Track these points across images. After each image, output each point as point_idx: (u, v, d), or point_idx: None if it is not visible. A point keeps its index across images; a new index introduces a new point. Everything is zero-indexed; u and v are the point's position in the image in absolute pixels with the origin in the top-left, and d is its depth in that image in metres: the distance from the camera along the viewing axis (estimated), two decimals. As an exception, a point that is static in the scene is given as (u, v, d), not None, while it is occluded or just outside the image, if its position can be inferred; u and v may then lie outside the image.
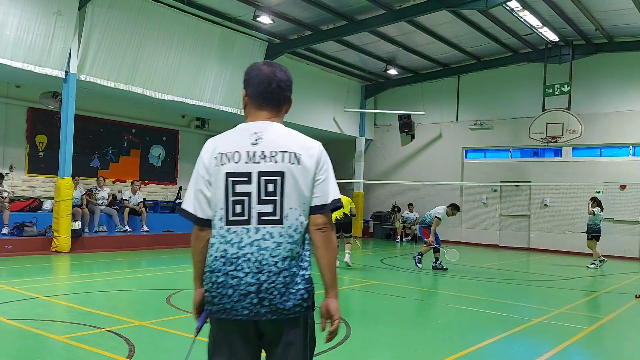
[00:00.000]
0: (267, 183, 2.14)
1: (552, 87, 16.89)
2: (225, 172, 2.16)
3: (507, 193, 18.50)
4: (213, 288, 2.15)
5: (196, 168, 2.26)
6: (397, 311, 7.39)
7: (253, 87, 2.30)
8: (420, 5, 13.49)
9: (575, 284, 10.61)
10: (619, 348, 5.92)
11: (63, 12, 11.50)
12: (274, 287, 2.12)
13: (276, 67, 2.37)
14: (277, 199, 2.14)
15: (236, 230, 2.13)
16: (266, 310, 2.12)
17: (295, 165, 2.16)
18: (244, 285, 2.10)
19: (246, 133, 2.22)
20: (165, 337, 5.27)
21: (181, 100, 14.16)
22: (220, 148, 2.21)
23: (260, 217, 2.13)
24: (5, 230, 11.63)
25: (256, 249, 2.11)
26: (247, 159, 2.16)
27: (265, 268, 2.11)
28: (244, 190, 2.14)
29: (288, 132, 2.28)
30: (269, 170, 2.14)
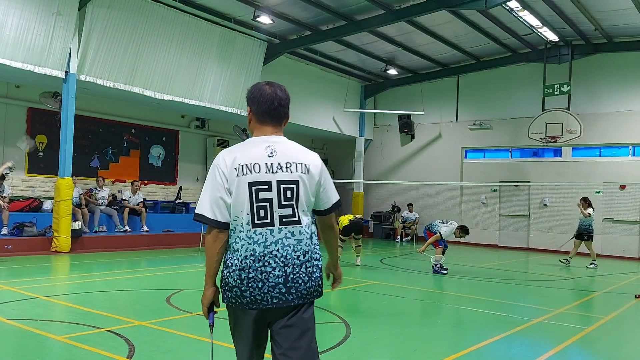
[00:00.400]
0: (286, 190, 2.51)
1: (552, 87, 16.90)
2: (248, 182, 2.48)
3: (506, 193, 18.50)
4: (244, 283, 2.48)
5: (213, 177, 2.52)
6: (397, 311, 7.39)
7: (258, 106, 2.64)
8: (420, 5, 13.49)
9: (575, 284, 10.62)
10: (618, 348, 5.92)
11: (63, 12, 11.50)
12: (299, 277, 2.51)
13: (276, 86, 2.70)
14: (294, 203, 2.52)
15: (262, 232, 2.48)
16: (293, 297, 2.50)
17: (305, 174, 2.56)
18: (273, 278, 2.47)
19: (261, 146, 2.56)
20: (165, 337, 5.26)
21: (181, 100, 14.16)
22: (240, 160, 2.50)
23: (282, 219, 2.50)
24: (5, 231, 11.63)
25: (281, 247, 2.48)
26: (266, 169, 2.51)
27: (290, 262, 2.49)
28: (266, 197, 2.49)
29: (296, 146, 2.68)
30: (286, 179, 2.52)
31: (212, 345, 2.75)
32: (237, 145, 2.62)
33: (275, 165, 2.52)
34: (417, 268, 11.79)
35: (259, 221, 2.48)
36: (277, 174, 2.51)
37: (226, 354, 4.79)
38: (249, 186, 2.47)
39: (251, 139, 2.64)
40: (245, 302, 2.49)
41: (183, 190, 17.56)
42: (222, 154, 2.57)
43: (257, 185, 2.48)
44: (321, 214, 2.68)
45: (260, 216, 2.48)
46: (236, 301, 2.51)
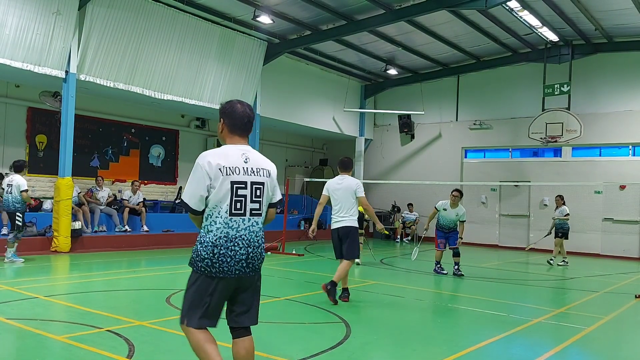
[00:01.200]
0: (256, 189, 3.29)
1: (552, 87, 16.89)
2: (231, 181, 3.18)
3: (506, 193, 18.50)
4: (215, 257, 3.17)
5: (198, 175, 3.17)
6: (396, 311, 7.38)
7: (231, 121, 3.34)
8: (420, 5, 13.49)
9: (575, 284, 10.61)
10: (619, 348, 5.92)
11: (62, 11, 11.50)
12: (255, 255, 3.29)
13: (246, 105, 3.40)
14: (260, 200, 3.31)
15: (236, 219, 3.21)
16: (250, 270, 3.27)
17: (268, 178, 3.38)
18: (238, 255, 3.21)
19: (237, 154, 3.27)
20: (165, 337, 5.26)
21: (181, 100, 14.16)
22: (224, 163, 3.19)
23: (251, 211, 3.27)
24: (5, 231, 11.62)
25: (248, 232, 3.25)
26: (244, 172, 3.25)
27: (252, 244, 3.27)
28: (243, 194, 3.23)
29: (260, 155, 3.46)
30: (257, 181, 3.30)
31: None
32: (216, 150, 3.26)
33: (250, 170, 3.27)
34: (417, 268, 11.78)
35: (235, 211, 3.20)
36: (251, 177, 3.27)
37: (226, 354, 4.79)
38: (231, 184, 3.18)
39: (228, 146, 3.32)
40: (214, 271, 3.17)
41: (183, 190, 17.54)
42: (207, 156, 3.20)
43: (238, 184, 3.20)
44: (271, 206, 3.46)
45: (236, 207, 3.20)
46: (205, 270, 3.18)
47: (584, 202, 16.54)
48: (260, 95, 16.42)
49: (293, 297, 7.66)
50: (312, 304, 7.16)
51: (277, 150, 21.51)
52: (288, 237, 15.05)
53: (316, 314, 6.69)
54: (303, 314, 6.72)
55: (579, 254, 16.50)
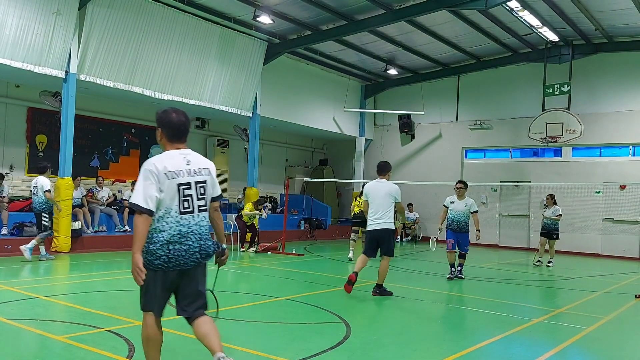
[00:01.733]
0: (200, 188, 3.60)
1: (552, 87, 16.89)
2: (177, 183, 3.48)
3: (506, 193, 18.50)
4: (171, 253, 3.46)
5: (147, 178, 3.44)
6: (396, 311, 7.38)
7: (169, 129, 3.62)
8: (420, 5, 13.49)
9: (575, 284, 10.61)
10: (618, 348, 5.91)
11: (63, 11, 11.50)
12: (207, 246, 3.61)
13: (181, 113, 3.67)
14: (205, 197, 3.62)
15: (186, 217, 3.52)
16: (202, 259, 3.60)
17: (209, 176, 3.67)
18: (192, 249, 3.52)
19: (179, 158, 3.57)
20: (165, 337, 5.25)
21: (181, 100, 14.16)
22: (169, 168, 3.48)
23: (199, 208, 3.59)
24: (5, 231, 11.63)
25: (198, 227, 3.57)
26: (187, 174, 3.54)
27: (203, 237, 3.59)
28: (189, 193, 3.54)
29: (199, 156, 3.74)
30: (200, 180, 3.60)
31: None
32: (160, 156, 3.54)
33: (192, 171, 3.57)
34: (417, 268, 11.79)
35: (184, 210, 3.51)
36: (194, 177, 3.57)
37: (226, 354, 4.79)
38: (178, 186, 3.48)
39: (170, 152, 3.60)
40: (171, 265, 3.48)
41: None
42: (153, 162, 3.48)
43: (183, 185, 3.50)
44: (213, 200, 3.73)
45: (185, 207, 3.51)
46: (162, 266, 3.46)
47: (584, 202, 16.55)
48: (260, 95, 16.41)
49: (293, 297, 7.66)
50: (312, 304, 7.16)
51: (277, 150, 21.51)
52: (288, 237, 15.05)
53: (316, 314, 6.69)
54: (303, 314, 6.72)
55: (579, 254, 16.51)
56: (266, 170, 20.07)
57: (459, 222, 10.09)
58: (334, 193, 21.74)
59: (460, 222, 10.08)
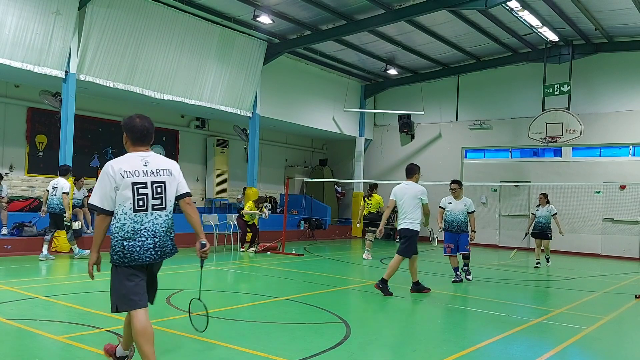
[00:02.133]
0: (157, 187, 3.80)
1: (552, 87, 16.88)
2: (132, 182, 3.70)
3: (506, 193, 18.49)
4: (126, 249, 3.74)
5: (105, 180, 3.69)
6: (396, 311, 7.38)
7: (132, 134, 3.87)
8: (420, 5, 13.49)
9: (575, 284, 10.61)
10: (618, 348, 5.91)
11: (62, 11, 11.50)
12: (163, 243, 3.84)
13: (144, 119, 3.90)
14: (162, 196, 3.81)
15: (140, 215, 3.75)
16: (159, 256, 3.84)
17: (170, 176, 3.87)
18: (146, 245, 3.76)
19: (137, 159, 3.80)
20: (165, 337, 5.25)
21: (180, 100, 14.16)
22: (125, 168, 3.72)
23: (153, 206, 3.78)
24: (5, 231, 11.62)
25: (152, 224, 3.78)
26: (143, 174, 3.75)
27: (158, 234, 3.80)
28: (144, 192, 3.74)
29: (161, 157, 3.94)
30: (156, 180, 3.80)
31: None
32: (120, 158, 3.79)
33: (149, 171, 3.78)
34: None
35: (138, 208, 3.73)
36: (151, 177, 3.78)
37: (226, 354, 4.78)
38: (132, 185, 3.70)
39: (130, 154, 3.85)
40: (127, 261, 3.74)
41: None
42: (110, 164, 3.73)
43: (138, 184, 3.72)
44: (179, 198, 3.94)
45: (139, 205, 3.73)
46: (120, 261, 3.75)
47: (584, 202, 16.55)
48: (260, 95, 16.41)
49: (293, 297, 7.66)
50: (312, 304, 7.15)
51: (277, 150, 21.51)
52: (288, 237, 15.05)
53: (316, 314, 6.69)
54: (303, 314, 6.71)
55: (579, 254, 16.51)
56: (266, 170, 20.07)
57: (459, 223, 9.92)
58: (334, 193, 21.73)
59: (461, 222, 9.93)
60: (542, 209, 12.64)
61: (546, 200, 12.69)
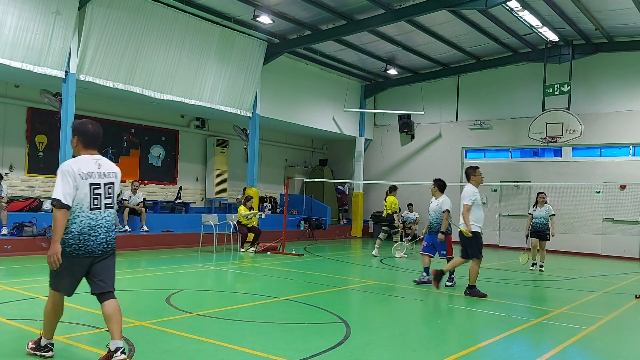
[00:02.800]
0: (108, 188, 4.29)
1: (552, 87, 16.88)
2: (89, 183, 4.16)
3: (506, 193, 18.49)
4: (81, 242, 4.16)
5: (65, 178, 4.05)
6: (396, 311, 7.38)
7: (85, 138, 4.28)
8: (420, 5, 13.48)
9: (575, 284, 10.61)
10: (618, 348, 5.91)
11: (62, 11, 11.49)
12: (111, 239, 4.34)
13: (96, 125, 4.33)
14: (112, 196, 4.33)
15: (95, 212, 4.21)
16: (108, 250, 4.31)
17: (116, 179, 4.37)
18: (99, 239, 4.23)
19: (92, 162, 4.23)
20: (165, 337, 5.26)
21: (180, 100, 14.16)
22: (83, 169, 4.14)
23: (106, 205, 4.28)
24: (5, 231, 11.62)
25: (104, 221, 4.27)
26: (98, 176, 4.22)
27: (109, 230, 4.31)
28: (98, 192, 4.22)
29: (109, 161, 4.37)
30: (108, 181, 4.29)
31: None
32: (75, 160, 4.18)
33: (102, 173, 4.25)
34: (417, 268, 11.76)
35: (94, 207, 4.20)
36: (104, 179, 4.25)
37: (226, 354, 4.78)
38: (90, 186, 4.15)
39: (84, 156, 4.24)
40: (81, 253, 4.16)
41: (183, 190, 17.55)
42: (69, 164, 4.11)
43: (94, 185, 4.18)
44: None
45: (95, 204, 4.20)
46: (73, 252, 4.14)
47: (584, 202, 16.55)
48: (260, 95, 16.41)
49: (293, 297, 7.66)
50: (312, 304, 7.15)
51: (277, 150, 21.51)
52: (288, 237, 15.04)
53: (316, 314, 6.68)
54: (303, 314, 6.71)
55: (579, 254, 16.51)
56: (266, 170, 20.07)
57: (432, 224, 9.52)
58: (334, 193, 21.73)
59: (433, 223, 9.49)
60: (540, 210, 12.18)
61: (545, 201, 12.31)
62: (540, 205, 12.27)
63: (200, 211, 16.84)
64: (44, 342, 4.38)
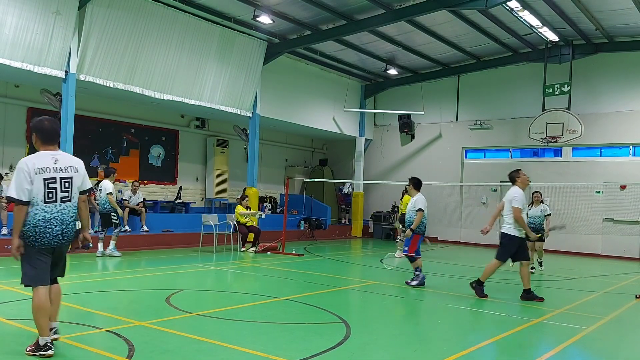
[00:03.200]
0: (65, 182, 4.49)
1: (552, 87, 16.88)
2: (43, 178, 4.37)
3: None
4: (38, 234, 4.36)
5: (21, 174, 4.29)
6: (396, 311, 7.38)
7: (42, 135, 4.51)
8: (420, 4, 13.48)
9: (575, 284, 10.60)
10: (619, 348, 5.91)
11: (62, 11, 11.49)
12: (68, 231, 4.56)
13: (52, 121, 4.56)
14: (70, 189, 4.52)
15: (50, 206, 4.42)
16: (65, 241, 4.55)
17: (76, 173, 4.57)
18: (55, 231, 4.44)
19: (48, 157, 4.45)
20: (165, 337, 5.26)
21: (180, 100, 14.16)
22: (38, 165, 4.35)
23: (61, 199, 4.47)
24: (5, 231, 11.61)
25: (60, 214, 4.47)
26: (53, 170, 4.42)
27: (65, 222, 4.51)
28: (53, 186, 4.42)
29: (69, 155, 4.69)
30: (65, 176, 4.49)
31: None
32: (32, 155, 4.40)
33: (59, 168, 4.45)
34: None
35: (48, 200, 4.40)
36: (60, 173, 4.44)
37: (226, 354, 4.78)
38: (44, 180, 4.37)
39: (41, 152, 4.46)
40: (37, 244, 4.37)
41: (183, 190, 17.55)
42: (25, 161, 4.34)
43: (49, 180, 4.39)
44: (81, 193, 4.67)
45: (49, 197, 4.40)
46: (31, 244, 4.36)
47: (584, 202, 16.54)
48: (260, 95, 16.41)
49: (293, 297, 7.65)
50: (312, 304, 7.15)
51: (277, 150, 21.51)
52: (288, 237, 15.04)
53: (316, 314, 6.68)
54: (303, 314, 6.71)
55: (579, 254, 16.50)
56: (266, 170, 20.07)
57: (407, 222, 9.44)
58: (334, 193, 21.73)
59: (408, 222, 9.39)
60: (536, 209, 11.73)
61: (540, 200, 11.97)
62: (536, 204, 11.82)
63: (200, 211, 16.84)
64: (42, 341, 4.39)
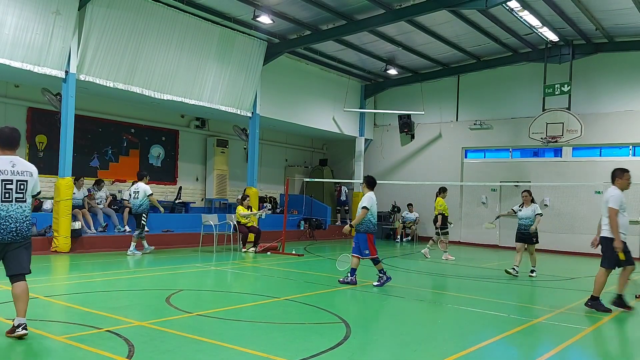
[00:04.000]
0: (20, 185, 4.98)
1: (552, 87, 16.89)
2: (1, 179, 4.89)
3: (506, 193, 18.48)
4: None
5: None
6: (396, 311, 7.38)
7: (2, 140, 4.99)
8: (420, 5, 13.48)
9: (575, 284, 10.60)
10: (619, 348, 5.91)
11: (62, 11, 11.49)
12: (22, 228, 4.99)
13: (12, 129, 5.09)
14: (24, 191, 5.01)
15: (6, 205, 4.91)
16: (19, 238, 4.97)
17: (31, 177, 5.07)
18: (9, 228, 4.90)
19: (7, 161, 4.95)
20: (165, 337, 5.26)
21: (180, 100, 14.16)
22: None
23: (16, 199, 4.96)
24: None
25: (14, 213, 4.94)
26: (10, 173, 4.93)
27: (19, 220, 4.96)
28: (10, 187, 4.93)
29: (25, 161, 5.11)
30: (20, 179, 4.99)
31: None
32: None
33: (15, 171, 4.96)
34: (417, 268, 11.77)
35: (4, 200, 4.90)
36: (16, 176, 4.96)
37: (226, 354, 4.78)
38: (2, 182, 4.88)
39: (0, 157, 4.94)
40: None
41: (183, 190, 17.55)
42: None
43: (6, 181, 4.91)
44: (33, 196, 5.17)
45: (5, 197, 4.90)
46: None
47: (584, 202, 16.54)
48: (260, 95, 16.41)
49: (293, 297, 7.66)
50: (312, 304, 7.15)
51: (277, 150, 21.51)
52: (288, 237, 15.04)
53: (316, 314, 6.68)
54: (303, 314, 6.71)
55: (579, 254, 16.49)
56: (266, 170, 20.07)
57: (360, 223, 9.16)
58: (334, 193, 21.73)
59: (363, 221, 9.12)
60: (527, 209, 11.18)
61: (531, 199, 11.32)
62: (526, 204, 11.27)
63: (200, 211, 16.84)
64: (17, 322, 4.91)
